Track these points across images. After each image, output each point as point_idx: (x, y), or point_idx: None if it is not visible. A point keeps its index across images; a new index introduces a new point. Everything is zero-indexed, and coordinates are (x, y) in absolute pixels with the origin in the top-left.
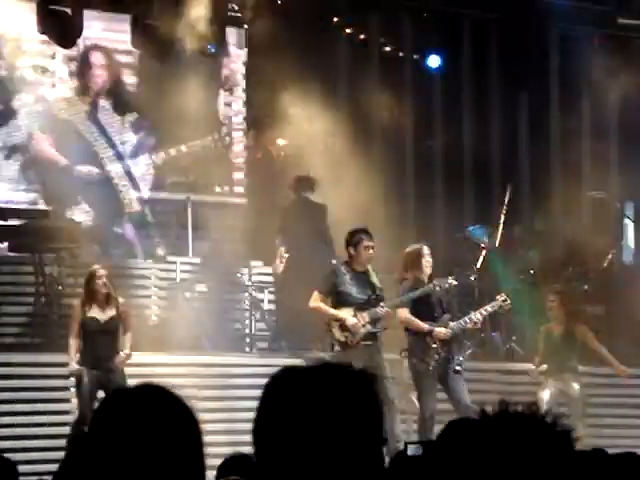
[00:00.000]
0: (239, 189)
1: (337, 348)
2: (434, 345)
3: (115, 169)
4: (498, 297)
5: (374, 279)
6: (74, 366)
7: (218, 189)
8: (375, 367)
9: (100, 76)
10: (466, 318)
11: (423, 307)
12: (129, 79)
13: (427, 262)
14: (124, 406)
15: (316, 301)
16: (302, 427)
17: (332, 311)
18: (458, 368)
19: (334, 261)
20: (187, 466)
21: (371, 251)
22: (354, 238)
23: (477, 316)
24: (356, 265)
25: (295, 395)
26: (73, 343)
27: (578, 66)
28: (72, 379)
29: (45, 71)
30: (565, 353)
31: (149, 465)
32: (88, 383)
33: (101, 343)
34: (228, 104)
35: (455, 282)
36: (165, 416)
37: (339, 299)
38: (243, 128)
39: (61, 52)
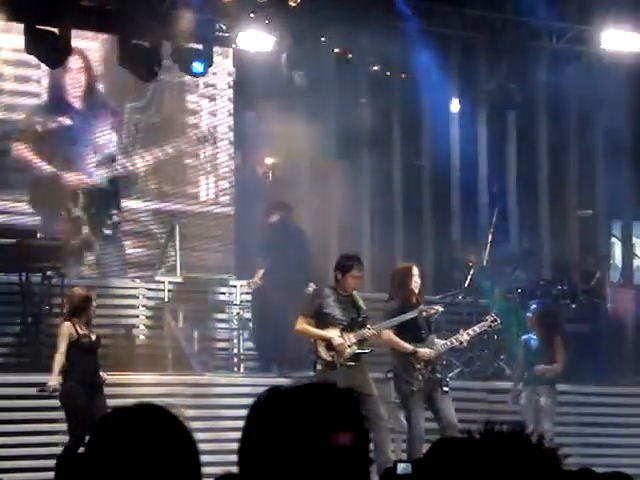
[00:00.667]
0: (224, 198)
1: (320, 367)
2: (418, 366)
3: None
4: (488, 317)
5: (359, 302)
6: (55, 383)
7: (203, 197)
8: (360, 387)
9: (77, 79)
10: (452, 338)
11: (409, 327)
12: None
13: (415, 283)
14: (124, 425)
15: (302, 324)
16: (287, 447)
17: (319, 331)
18: (446, 389)
19: (312, 285)
20: None
21: (358, 282)
22: (345, 264)
23: (464, 336)
24: (341, 290)
25: (280, 415)
26: (60, 360)
27: (566, 85)
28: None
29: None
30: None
31: None
32: (85, 398)
33: (90, 361)
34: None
35: (441, 309)
36: (164, 436)
37: (324, 321)
38: (230, 141)
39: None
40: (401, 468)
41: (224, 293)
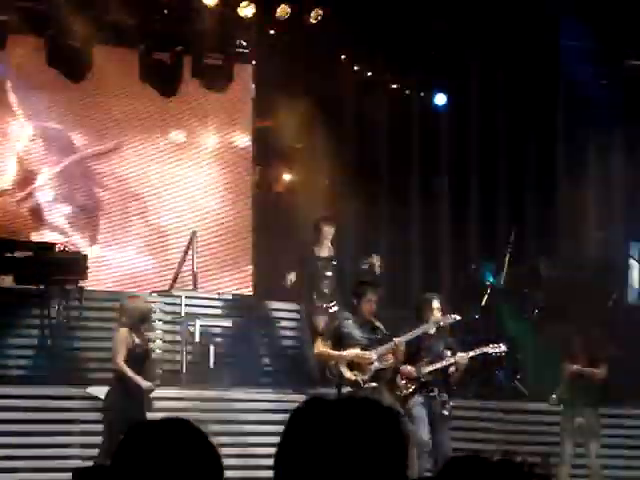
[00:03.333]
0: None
1: (347, 389)
2: (402, 382)
3: None
4: (496, 345)
5: (377, 323)
6: (148, 383)
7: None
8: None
9: None
10: (443, 361)
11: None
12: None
13: (435, 317)
14: (151, 439)
15: (320, 347)
16: (327, 459)
17: (338, 352)
18: (445, 413)
19: (334, 309)
20: None
21: (374, 305)
22: (359, 290)
23: (463, 357)
24: (358, 316)
25: (321, 426)
26: (128, 367)
27: (585, 107)
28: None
29: None
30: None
31: None
32: (123, 412)
33: (140, 373)
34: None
35: (458, 317)
36: (190, 450)
37: (343, 342)
38: (250, 162)
39: None
40: None
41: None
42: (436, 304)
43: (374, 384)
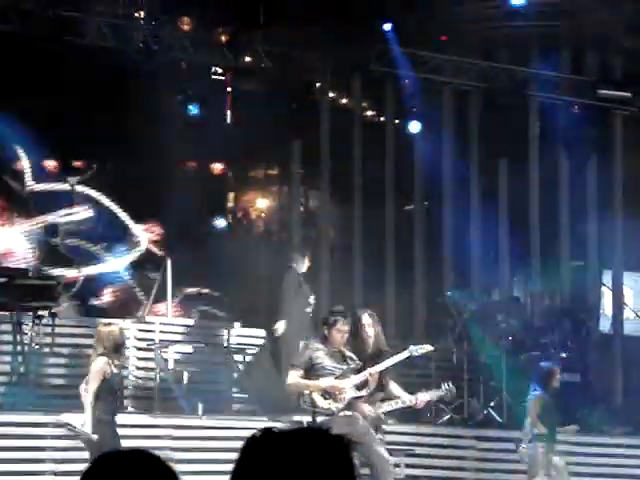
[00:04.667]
0: None
1: (321, 418)
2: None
3: None
4: (444, 386)
5: (347, 353)
6: (89, 421)
7: None
8: (361, 435)
9: None
10: (399, 400)
11: None
12: None
13: (366, 333)
14: (113, 471)
15: (293, 377)
16: None
17: (312, 382)
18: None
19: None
20: None
21: (345, 335)
22: (329, 320)
23: (413, 399)
24: (329, 345)
25: (272, 457)
26: (101, 396)
27: (557, 135)
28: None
29: None
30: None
31: None
32: (102, 440)
33: (114, 401)
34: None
35: (431, 348)
36: None
37: (316, 372)
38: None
39: None
40: None
41: (217, 336)
42: (366, 319)
43: (349, 412)
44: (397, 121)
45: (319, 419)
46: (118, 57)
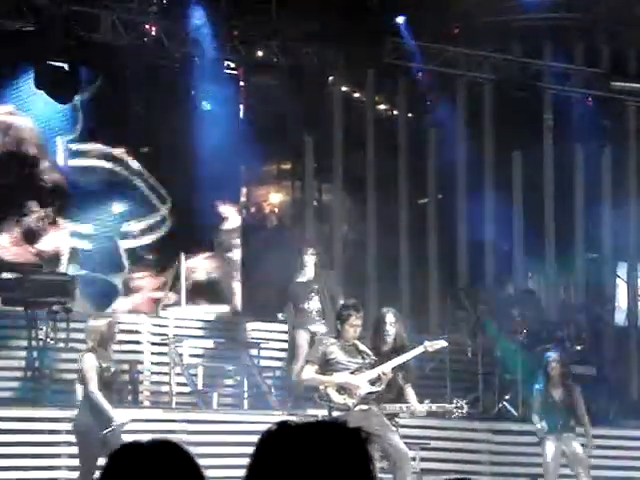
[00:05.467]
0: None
1: (336, 413)
2: None
3: None
4: (454, 401)
5: (362, 347)
6: (123, 419)
7: None
8: (378, 429)
9: None
10: (409, 405)
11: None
12: None
13: (386, 331)
14: (136, 461)
15: (307, 372)
16: None
17: (327, 377)
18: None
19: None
20: None
21: (358, 329)
22: (342, 314)
23: (419, 408)
24: (342, 339)
25: (288, 450)
26: (100, 393)
27: (571, 127)
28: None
29: None
30: (565, 413)
31: None
32: (98, 434)
33: (108, 396)
34: None
35: (445, 344)
36: (177, 473)
37: (330, 367)
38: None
39: None
40: None
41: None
42: (390, 318)
43: (364, 407)
44: (410, 114)
45: (335, 414)
46: (132, 53)
